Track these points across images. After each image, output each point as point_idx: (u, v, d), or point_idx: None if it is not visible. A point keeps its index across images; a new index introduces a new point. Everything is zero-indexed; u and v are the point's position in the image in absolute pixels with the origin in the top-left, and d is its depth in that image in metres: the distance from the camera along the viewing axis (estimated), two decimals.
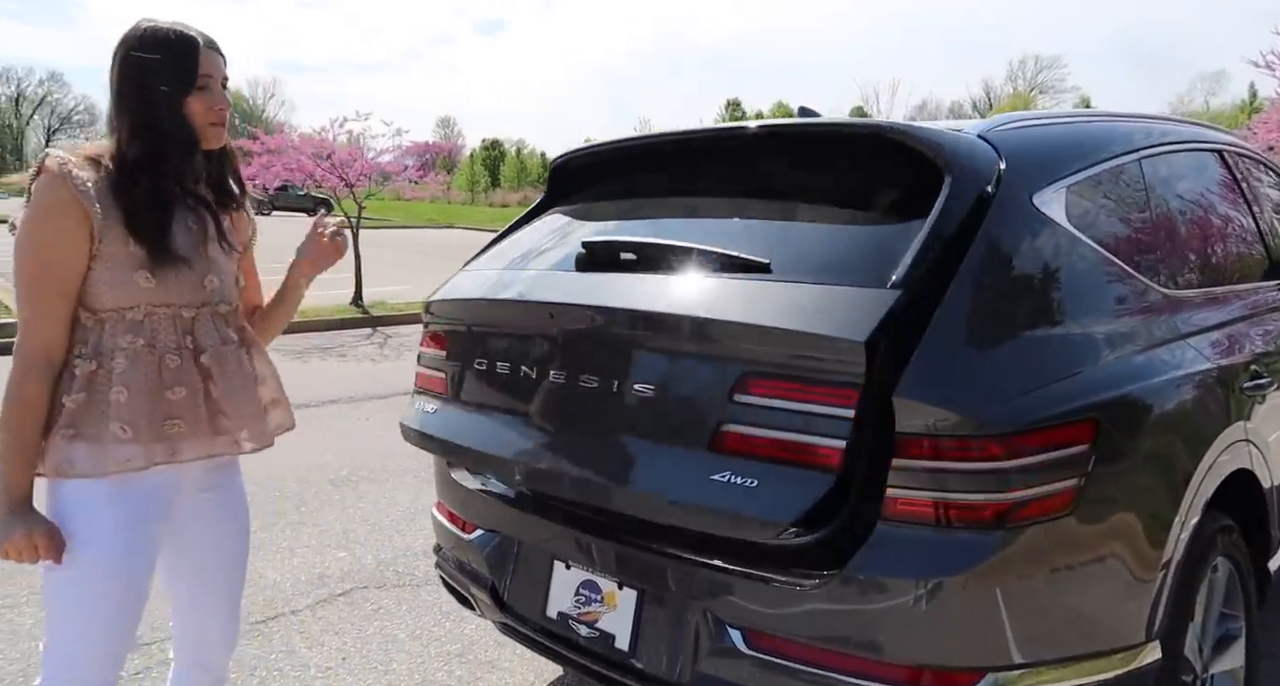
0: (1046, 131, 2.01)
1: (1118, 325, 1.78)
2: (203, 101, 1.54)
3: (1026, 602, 1.48)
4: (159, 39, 1.52)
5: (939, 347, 1.51)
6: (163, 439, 1.51)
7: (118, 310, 1.48)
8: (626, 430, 1.72)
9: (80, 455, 1.46)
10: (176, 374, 1.53)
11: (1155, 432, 1.71)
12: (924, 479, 1.47)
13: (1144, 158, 2.16)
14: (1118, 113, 2.38)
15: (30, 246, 1.44)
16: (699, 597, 1.68)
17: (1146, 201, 2.10)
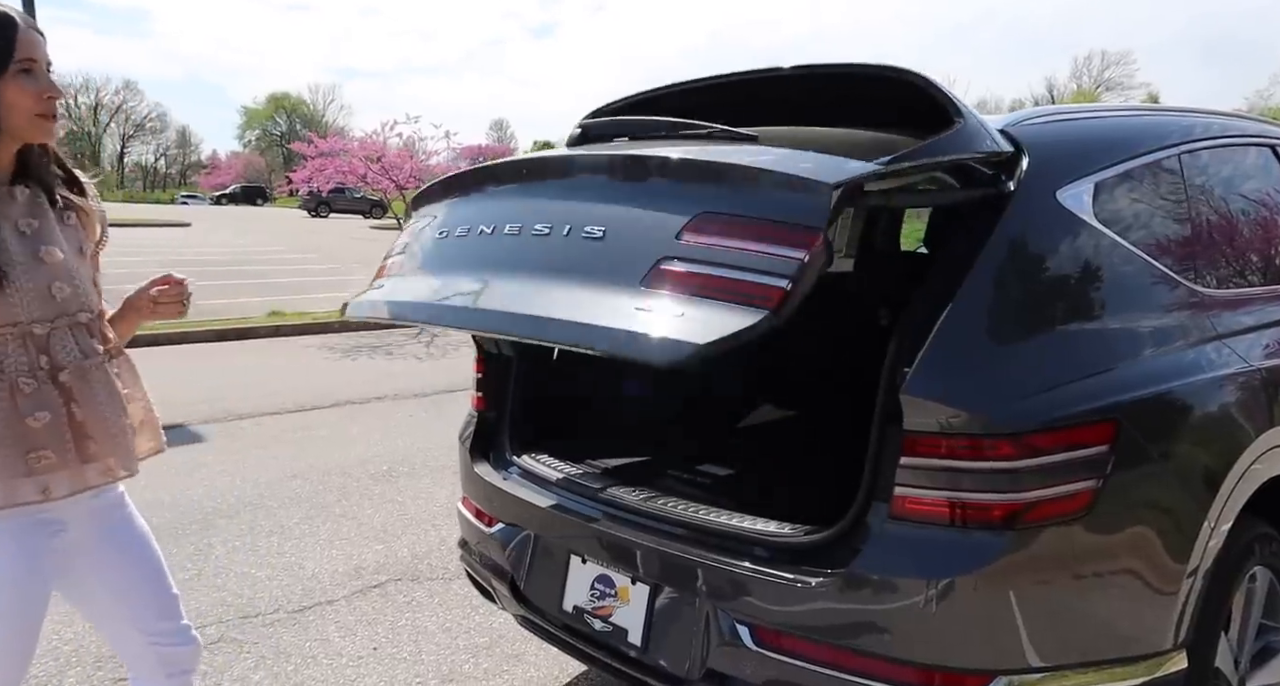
0: (1074, 126, 1.96)
1: (1145, 324, 1.72)
2: (25, 88, 1.36)
3: (1040, 605, 1.45)
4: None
5: (948, 344, 1.49)
6: (31, 474, 1.36)
7: None
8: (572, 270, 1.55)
9: None
10: (33, 399, 1.37)
11: (1182, 436, 1.65)
12: (933, 478, 1.45)
13: (1184, 153, 2.08)
14: (1160, 106, 2.30)
15: None
16: (709, 594, 1.68)
17: (1185, 198, 2.03)
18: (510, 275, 1.62)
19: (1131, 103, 3.04)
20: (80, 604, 1.62)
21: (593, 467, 2.17)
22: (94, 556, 1.55)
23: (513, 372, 2.35)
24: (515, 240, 1.65)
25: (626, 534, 1.84)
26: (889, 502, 1.49)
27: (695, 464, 2.22)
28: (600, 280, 1.47)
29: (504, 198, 1.81)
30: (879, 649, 1.47)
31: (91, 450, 1.44)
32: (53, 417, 1.39)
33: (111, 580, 1.57)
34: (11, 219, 1.39)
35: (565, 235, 1.58)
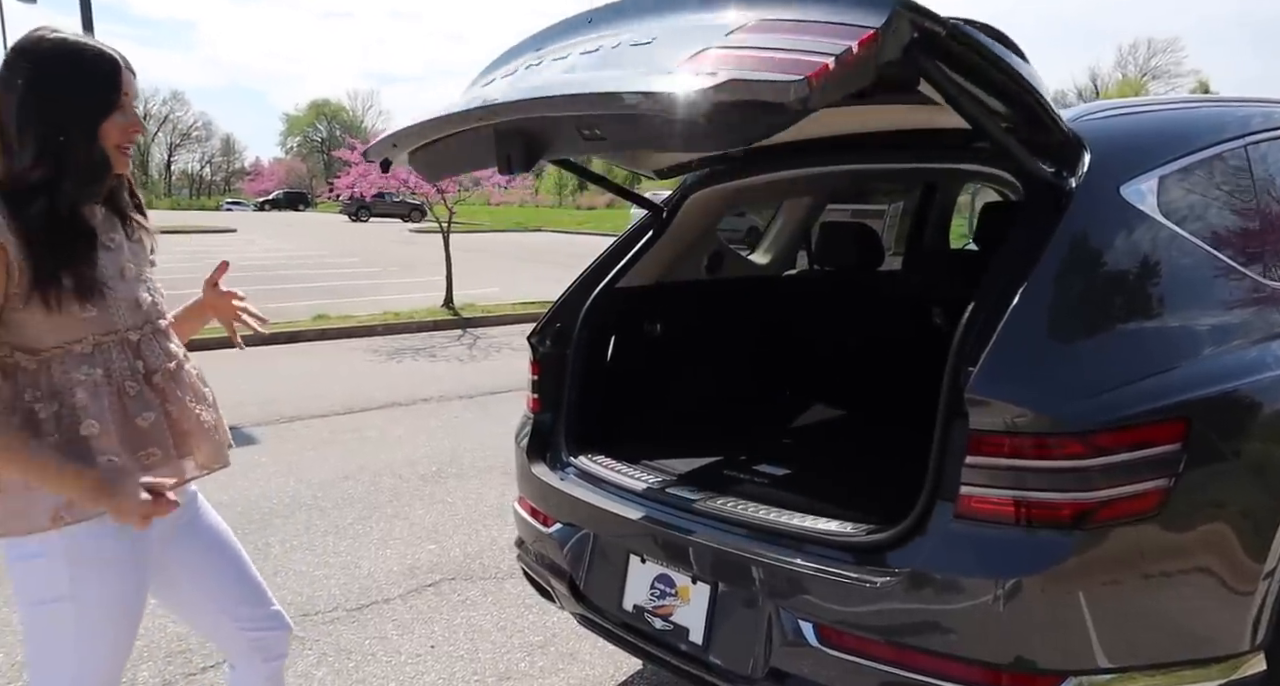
0: (1136, 120, 1.93)
1: (1215, 320, 1.69)
2: (118, 124, 1.44)
3: (1111, 605, 1.43)
4: (79, 56, 1.40)
5: (1014, 343, 1.48)
6: (144, 470, 1.44)
7: (63, 346, 1.40)
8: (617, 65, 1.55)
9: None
10: (138, 401, 1.46)
11: (1256, 433, 1.62)
12: (999, 477, 1.44)
13: (1250, 144, 2.04)
14: (1223, 97, 2.26)
15: None
16: (772, 593, 1.68)
17: (1252, 190, 1.99)
18: (561, 75, 1.64)
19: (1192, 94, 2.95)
20: (172, 602, 1.69)
21: (649, 468, 2.19)
22: (178, 554, 1.61)
23: (568, 374, 2.38)
24: (576, 57, 1.66)
25: (687, 534, 1.85)
26: (954, 502, 1.48)
27: (751, 464, 2.23)
28: (640, 66, 1.46)
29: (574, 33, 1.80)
30: (945, 648, 1.47)
31: (188, 446, 1.53)
32: (156, 417, 1.48)
33: (197, 574, 1.64)
34: (99, 235, 1.47)
35: (615, 47, 1.59)
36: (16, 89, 1.37)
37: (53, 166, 1.38)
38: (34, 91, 1.37)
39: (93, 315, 1.41)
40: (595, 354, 2.43)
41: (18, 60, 1.38)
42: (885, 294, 3.06)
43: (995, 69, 1.44)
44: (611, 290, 2.46)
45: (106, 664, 1.48)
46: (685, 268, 2.71)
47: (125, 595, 1.47)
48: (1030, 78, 1.50)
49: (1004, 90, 1.51)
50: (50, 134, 1.37)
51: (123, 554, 1.46)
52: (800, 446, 2.52)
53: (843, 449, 2.46)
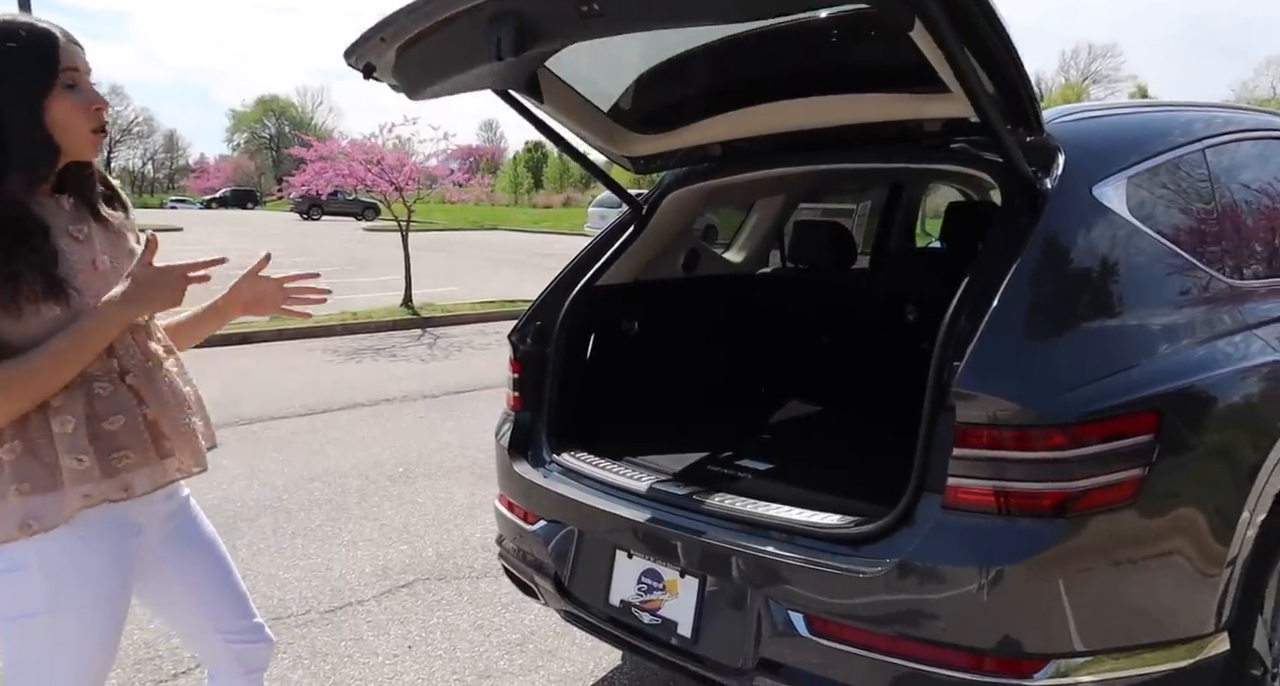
0: (1106, 123, 2.01)
1: (1181, 316, 1.77)
2: (70, 103, 1.33)
3: (1090, 590, 1.49)
4: (9, 34, 1.29)
5: (998, 338, 1.53)
6: (114, 474, 1.38)
7: (31, 344, 1.30)
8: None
9: (40, 507, 1.31)
10: (109, 402, 1.38)
11: (1221, 424, 1.70)
12: (985, 468, 1.49)
13: (1208, 147, 2.13)
14: (1180, 102, 2.35)
15: None
16: (761, 585, 1.71)
17: (1211, 191, 2.08)
18: None
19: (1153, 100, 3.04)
20: (156, 605, 1.65)
21: (633, 465, 2.21)
22: (170, 558, 1.57)
23: (549, 372, 2.38)
24: None
25: (675, 528, 1.87)
26: (941, 493, 1.53)
27: (734, 459, 2.26)
28: None
29: None
30: (934, 634, 1.51)
31: (166, 447, 1.45)
32: (128, 419, 1.40)
33: (187, 580, 1.60)
34: (63, 226, 1.38)
35: None
36: None
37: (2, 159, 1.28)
38: None
39: (56, 314, 1.31)
40: (575, 352, 2.44)
41: None
42: (858, 292, 3.12)
43: (991, 27, 1.45)
44: (591, 288, 2.47)
45: (88, 676, 1.42)
46: (662, 266, 2.73)
47: (103, 606, 1.41)
48: (1021, 59, 1.55)
49: (998, 64, 1.54)
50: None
51: (100, 563, 1.40)
52: (780, 441, 2.56)
53: (822, 443, 2.51)
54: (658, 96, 2.30)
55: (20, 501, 1.30)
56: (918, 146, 2.06)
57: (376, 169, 10.30)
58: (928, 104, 1.82)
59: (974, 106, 1.55)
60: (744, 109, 2.15)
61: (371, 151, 10.43)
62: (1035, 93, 1.63)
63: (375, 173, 10.31)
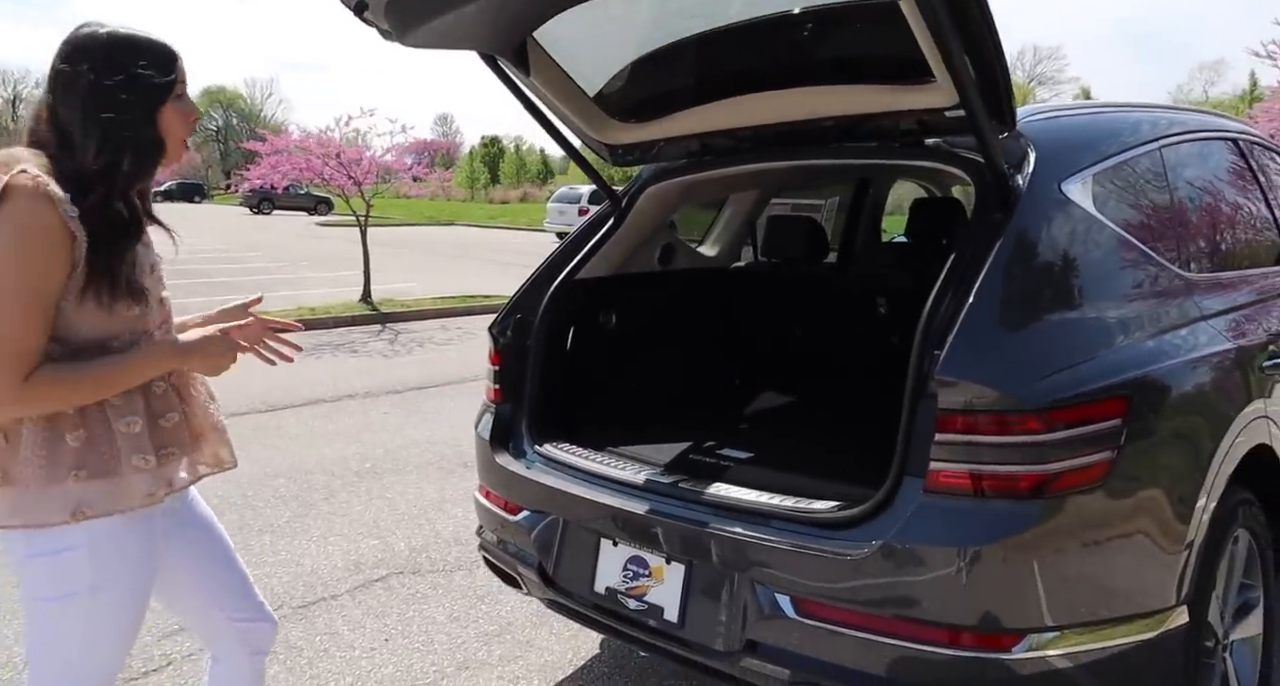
0: (1072, 122, 2.09)
1: (1144, 307, 1.86)
2: (176, 111, 1.46)
3: (1063, 567, 1.56)
4: (137, 48, 1.42)
5: (976, 328, 1.60)
6: (165, 466, 1.46)
7: (100, 341, 1.38)
8: None
9: (97, 494, 1.37)
10: (163, 400, 1.47)
11: (1183, 409, 1.79)
12: (965, 452, 1.55)
13: (1164, 146, 2.23)
14: (1136, 103, 2.46)
15: (23, 275, 1.29)
16: (748, 569, 1.76)
17: (1167, 188, 2.18)
18: None
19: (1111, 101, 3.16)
20: (161, 587, 1.64)
21: (615, 454, 2.24)
22: (173, 540, 1.59)
23: (529, 364, 2.40)
24: None
25: (659, 515, 1.91)
26: (923, 477, 1.59)
27: (715, 448, 2.31)
28: None
29: None
30: (918, 613, 1.57)
31: (199, 444, 1.54)
32: (177, 417, 1.49)
33: (190, 561, 1.63)
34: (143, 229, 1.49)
35: None
36: (78, 84, 1.38)
37: (114, 156, 1.39)
38: (99, 82, 1.38)
39: (135, 314, 1.42)
40: (555, 344, 2.46)
41: (77, 56, 1.39)
42: (829, 285, 3.19)
43: (980, 12, 1.51)
44: (570, 282, 2.49)
45: (112, 658, 1.48)
46: (639, 259, 2.77)
47: (139, 590, 1.47)
48: (1003, 51, 1.61)
49: (982, 53, 1.60)
50: (113, 124, 1.39)
51: (141, 549, 1.46)
52: (758, 431, 2.62)
53: (800, 433, 2.57)
54: (643, 85, 2.33)
55: (78, 486, 1.36)
56: (893, 143, 2.12)
57: (335, 162, 10.14)
58: (905, 95, 1.88)
59: (960, 94, 1.61)
60: (724, 101, 2.19)
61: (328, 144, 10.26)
62: (1012, 88, 1.70)
63: (333, 166, 10.15)
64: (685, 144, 2.45)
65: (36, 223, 1.28)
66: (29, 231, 1.28)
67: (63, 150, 1.38)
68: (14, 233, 1.28)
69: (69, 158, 1.37)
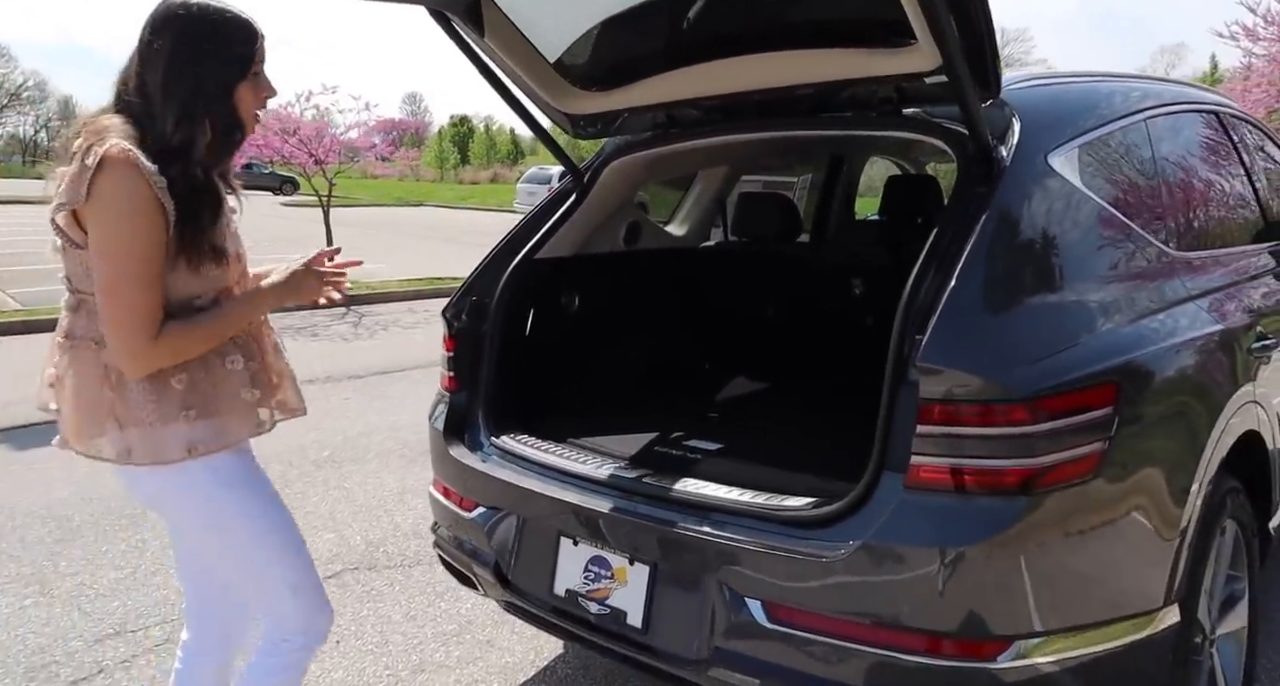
0: (1057, 90, 1.98)
1: (1132, 287, 1.76)
2: (252, 88, 1.51)
3: (1051, 569, 1.46)
4: (221, 23, 1.46)
5: (958, 313, 1.48)
6: (260, 404, 1.59)
7: (184, 299, 1.47)
8: None
9: (209, 432, 1.49)
10: (246, 347, 1.58)
11: (1175, 395, 1.69)
12: (948, 445, 1.44)
13: (1148, 118, 2.13)
14: (1118, 73, 2.35)
15: (131, 243, 1.37)
16: (715, 571, 1.64)
17: (1153, 162, 2.08)
18: None
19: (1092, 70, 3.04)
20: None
21: (576, 447, 2.10)
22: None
23: (485, 350, 2.25)
24: None
25: (623, 513, 1.78)
26: (904, 472, 1.47)
27: (683, 439, 2.18)
28: None
29: None
30: (898, 619, 1.46)
31: (275, 392, 1.64)
32: (256, 365, 1.59)
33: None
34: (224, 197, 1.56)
35: None
36: (161, 55, 1.42)
37: (191, 130, 1.44)
38: (178, 57, 1.42)
39: (218, 273, 1.50)
40: (513, 328, 2.31)
41: (162, 27, 1.43)
42: (803, 264, 3.07)
43: None
44: (530, 261, 2.34)
45: (292, 536, 1.64)
46: (603, 239, 2.62)
47: (272, 497, 1.62)
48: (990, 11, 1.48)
49: (968, 12, 1.48)
50: (191, 99, 1.43)
51: (257, 472, 1.62)
52: (728, 420, 2.49)
53: (772, 421, 2.45)
54: (606, 50, 2.17)
55: (187, 427, 1.47)
56: (869, 113, 1.99)
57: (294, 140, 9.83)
58: (883, 60, 1.75)
59: (943, 57, 1.48)
60: (691, 66, 2.04)
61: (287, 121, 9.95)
62: (998, 50, 1.57)
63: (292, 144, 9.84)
64: (650, 115, 2.30)
65: (131, 193, 1.35)
66: (125, 204, 1.36)
67: (147, 119, 1.43)
68: (119, 205, 1.35)
69: (152, 128, 1.42)
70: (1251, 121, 2.93)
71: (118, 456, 1.48)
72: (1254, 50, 10.40)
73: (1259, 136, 2.94)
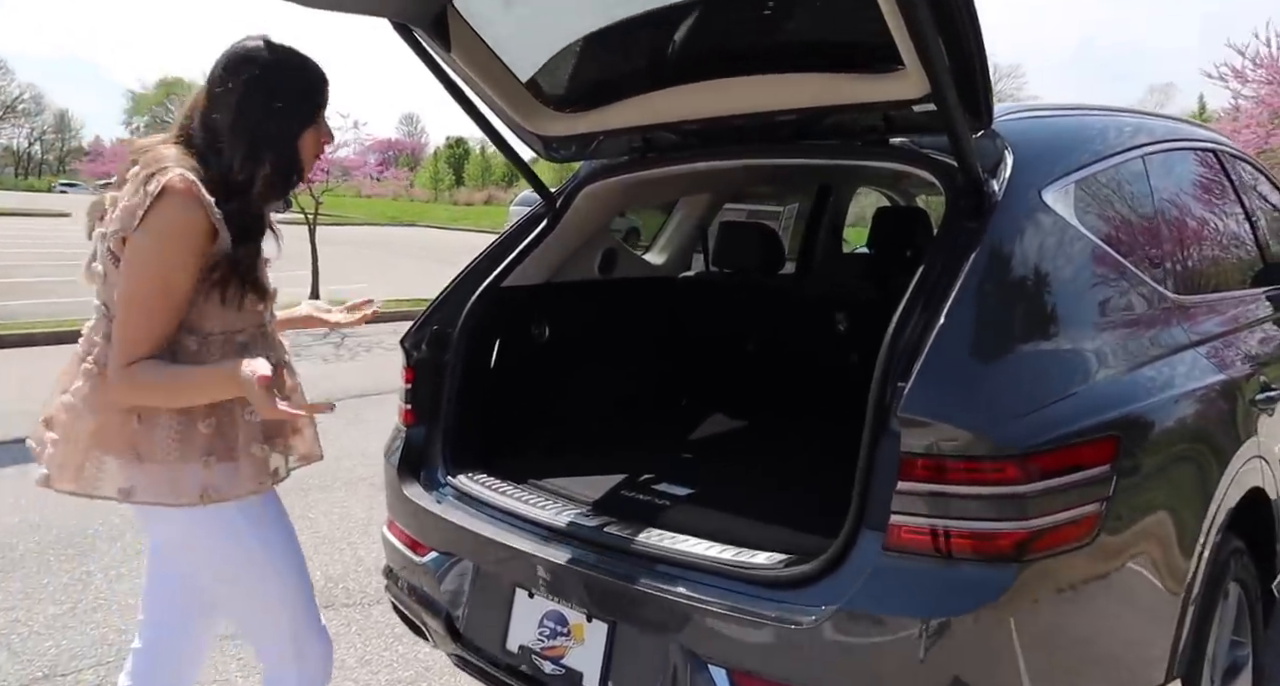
0: (1052, 123, 1.88)
1: (1130, 333, 1.64)
2: (315, 135, 1.54)
3: (1044, 646, 1.33)
4: (296, 68, 1.50)
5: (945, 359, 1.36)
6: (271, 456, 1.58)
7: (226, 334, 1.48)
8: None
9: (222, 479, 1.48)
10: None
11: (1176, 450, 1.57)
12: (932, 505, 1.31)
13: (1146, 154, 2.03)
14: (1113, 106, 2.26)
15: (159, 268, 1.38)
16: (678, 633, 1.50)
17: (1151, 201, 1.98)
18: None
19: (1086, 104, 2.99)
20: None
21: (538, 489, 1.97)
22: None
23: (446, 382, 2.12)
24: None
25: (581, 565, 1.65)
26: (884, 532, 1.34)
27: (652, 483, 2.04)
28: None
29: None
30: None
31: (297, 436, 1.65)
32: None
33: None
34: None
35: None
36: (233, 96, 1.44)
37: (254, 170, 1.45)
38: (250, 102, 1.44)
39: (259, 309, 1.52)
40: (477, 360, 2.18)
41: (236, 69, 1.45)
42: (786, 297, 2.95)
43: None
44: (496, 289, 2.22)
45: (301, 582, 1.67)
46: (576, 266, 2.50)
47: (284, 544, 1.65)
48: (981, 34, 1.38)
49: (958, 35, 1.37)
50: (258, 142, 1.45)
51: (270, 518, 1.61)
52: (702, 463, 2.36)
53: (748, 465, 2.32)
54: (581, 69, 2.07)
55: (205, 471, 1.46)
56: (854, 142, 1.89)
57: None
58: (870, 85, 1.64)
59: (932, 84, 1.38)
60: (669, 89, 1.94)
61: None
62: (990, 79, 1.47)
63: None
64: (627, 138, 2.19)
65: (185, 223, 1.36)
66: (173, 231, 1.36)
67: (212, 154, 1.44)
68: (159, 231, 1.36)
69: (217, 163, 1.43)
70: (1249, 160, 2.85)
71: (119, 494, 1.46)
72: (1243, 91, 10.48)
73: (1255, 176, 2.85)
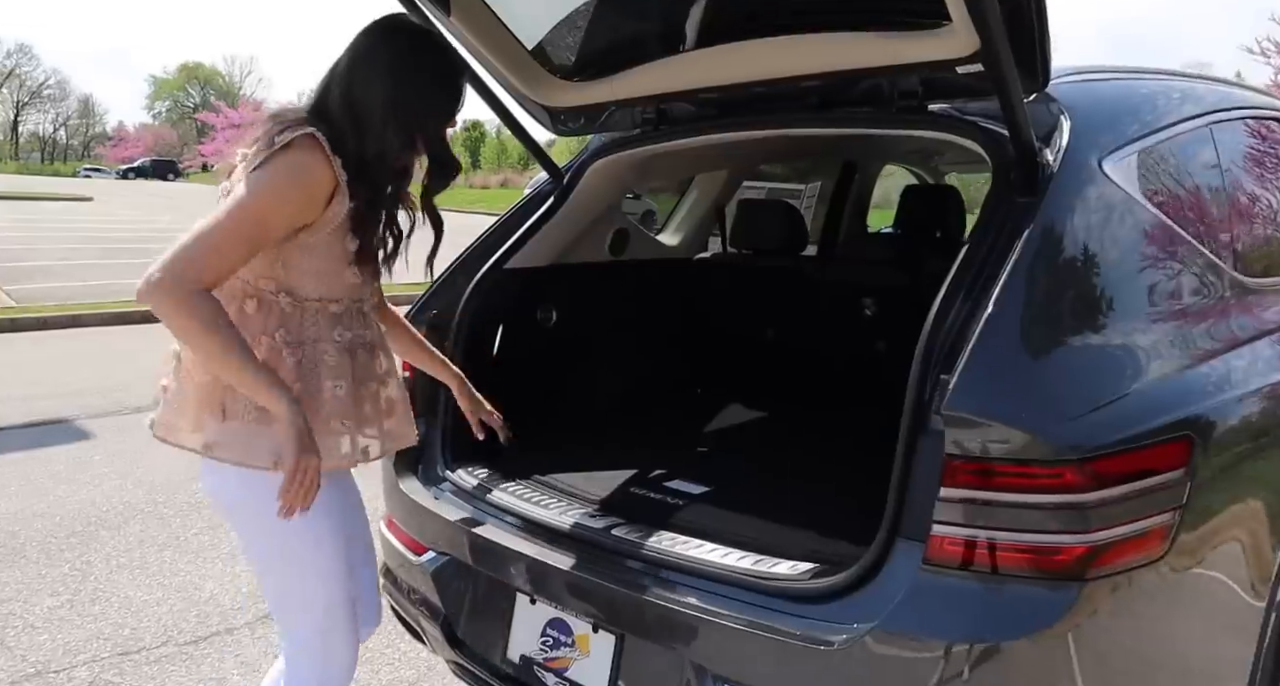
0: (1111, 86, 1.70)
1: (1202, 320, 1.47)
2: (450, 128, 1.53)
3: (1107, 670, 1.17)
4: (452, 61, 1.49)
5: (995, 350, 1.20)
6: (360, 433, 1.51)
7: (322, 301, 1.45)
8: None
9: None
10: (365, 369, 1.53)
11: (1252, 452, 1.40)
12: (979, 514, 1.16)
13: (1214, 123, 1.84)
14: (1176, 71, 2.06)
15: (261, 198, 1.32)
16: (691, 648, 1.36)
17: (1219, 173, 1.79)
18: None
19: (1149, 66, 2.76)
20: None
21: (542, 486, 1.84)
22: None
23: None
24: None
25: (585, 570, 1.51)
26: (924, 542, 1.19)
27: (664, 480, 1.90)
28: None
29: None
30: None
31: (389, 417, 1.57)
32: (375, 387, 1.55)
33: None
34: None
35: None
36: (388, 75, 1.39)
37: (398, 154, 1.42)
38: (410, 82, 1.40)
39: (357, 282, 1.48)
40: (479, 346, 2.05)
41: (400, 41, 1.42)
42: (808, 280, 2.79)
43: None
44: (500, 271, 2.08)
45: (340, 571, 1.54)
46: (586, 247, 2.35)
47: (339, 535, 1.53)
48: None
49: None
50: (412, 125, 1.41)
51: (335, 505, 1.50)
52: (719, 458, 2.21)
53: (768, 461, 2.16)
54: (590, 35, 1.90)
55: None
56: (888, 110, 1.71)
57: None
58: (909, 45, 1.47)
59: (983, 39, 1.20)
60: (685, 55, 1.77)
61: None
62: (1048, 31, 1.29)
63: None
64: (640, 109, 2.03)
65: (307, 166, 1.33)
66: (294, 170, 1.33)
67: (350, 127, 1.38)
68: (278, 166, 1.32)
69: (352, 138, 1.38)
70: None
71: (202, 447, 1.43)
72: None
73: None
